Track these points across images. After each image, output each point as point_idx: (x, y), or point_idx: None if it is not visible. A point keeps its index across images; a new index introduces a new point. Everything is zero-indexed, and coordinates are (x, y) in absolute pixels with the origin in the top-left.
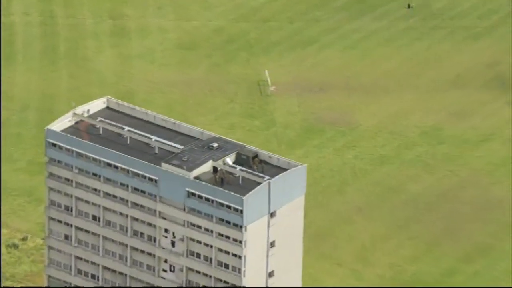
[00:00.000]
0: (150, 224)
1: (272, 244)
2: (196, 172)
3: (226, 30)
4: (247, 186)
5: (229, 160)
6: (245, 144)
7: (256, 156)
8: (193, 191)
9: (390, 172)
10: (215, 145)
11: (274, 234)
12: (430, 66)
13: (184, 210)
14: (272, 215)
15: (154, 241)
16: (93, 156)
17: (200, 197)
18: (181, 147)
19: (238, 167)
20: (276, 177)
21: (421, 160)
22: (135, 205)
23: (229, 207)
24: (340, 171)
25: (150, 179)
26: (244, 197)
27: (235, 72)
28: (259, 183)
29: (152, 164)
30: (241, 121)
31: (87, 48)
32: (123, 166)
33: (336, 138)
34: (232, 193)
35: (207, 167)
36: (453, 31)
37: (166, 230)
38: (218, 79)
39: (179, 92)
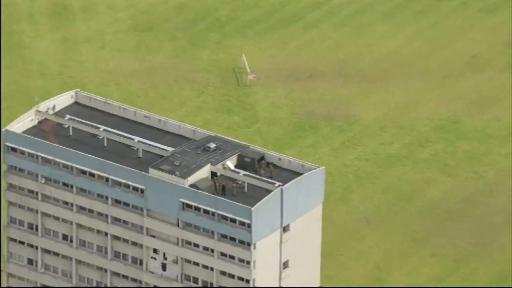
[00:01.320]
0: (135, 244)
1: (285, 265)
2: (192, 179)
3: (190, 6)
4: (254, 194)
5: (230, 163)
6: (248, 144)
7: (262, 158)
8: (189, 202)
9: (401, 175)
10: (212, 145)
11: (287, 252)
12: (439, 46)
13: (178, 225)
14: (285, 229)
15: (141, 264)
16: (63, 162)
17: (197, 209)
18: (171, 149)
19: (242, 172)
20: (289, 183)
21: (438, 160)
22: (117, 220)
23: (233, 220)
24: (341, 175)
25: (135, 189)
26: (252, 208)
27: (204, 57)
28: (269, 191)
29: (137, 171)
30: (216, 117)
31: (22, 32)
32: (101, 174)
33: (333, 136)
34: (238, 203)
35: (204, 172)
36: (464, 2)
37: (155, 251)
38: (184, 67)
39: (138, 83)
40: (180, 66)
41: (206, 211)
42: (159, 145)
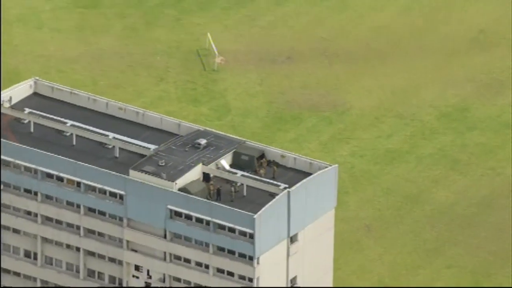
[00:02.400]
0: (113, 260)
1: (293, 282)
2: (181, 181)
3: None
4: (256, 199)
5: (225, 162)
6: (243, 139)
7: (262, 155)
8: (178, 209)
9: (404, 174)
10: (203, 142)
11: (296, 266)
12: (440, 20)
13: (165, 237)
14: (292, 239)
15: (120, 284)
16: (25, 164)
17: (188, 217)
18: (153, 146)
19: (239, 172)
20: (297, 185)
21: (446, 155)
22: (91, 232)
23: (233, 230)
24: None
25: (113, 195)
26: (255, 216)
27: (162, 38)
28: (273, 195)
29: (114, 173)
30: (180, 108)
31: None
32: (71, 178)
33: (320, 128)
34: (237, 209)
35: (195, 174)
36: None
37: (137, 268)
38: (138, 50)
39: (85, 70)
40: (133, 49)
41: (199, 220)
42: (139, 142)
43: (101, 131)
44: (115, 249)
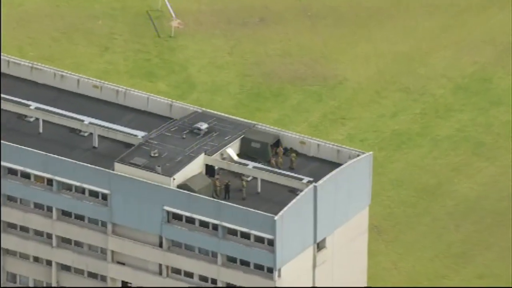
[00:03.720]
0: (94, 276)
1: None
2: (180, 176)
3: None
4: (273, 196)
5: (232, 151)
6: (253, 122)
7: (277, 142)
8: (177, 211)
9: (417, 161)
10: (203, 126)
11: (323, 278)
12: None
13: (161, 246)
14: (320, 246)
15: None
16: None
17: (190, 220)
18: (142, 133)
19: (251, 164)
20: (325, 178)
21: (468, 137)
22: (66, 242)
23: (246, 236)
24: None
25: (94, 194)
26: (276, 217)
27: None
28: (294, 191)
29: (95, 167)
30: (132, 85)
31: None
32: (40, 174)
33: (308, 106)
34: (253, 210)
35: (196, 166)
36: None
37: (125, 285)
38: (75, 12)
39: (8, 37)
40: (67, 11)
41: (204, 224)
42: (123, 128)
43: (73, 114)
44: (97, 262)
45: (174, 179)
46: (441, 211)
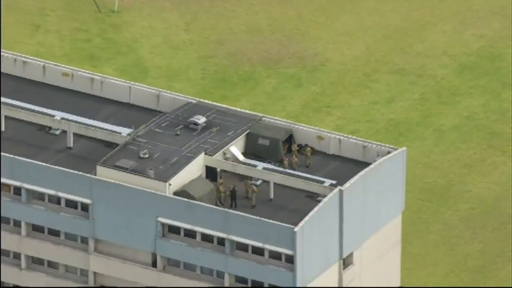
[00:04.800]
0: None
1: None
2: (177, 181)
3: None
4: (288, 203)
5: (237, 150)
6: (259, 114)
7: (290, 137)
8: (175, 223)
9: (421, 157)
10: (201, 120)
11: None
12: None
13: (155, 265)
14: (346, 262)
15: None
16: None
17: (190, 234)
18: (127, 130)
19: (260, 165)
20: (352, 180)
21: (479, 126)
22: (38, 263)
23: (260, 252)
24: None
25: (72, 205)
26: (296, 229)
27: None
28: (313, 196)
29: (73, 172)
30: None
31: None
32: (5, 181)
33: (285, 92)
34: (267, 220)
35: (195, 169)
36: None
37: None
38: None
39: None
40: None
41: (207, 238)
42: (102, 124)
43: (41, 109)
44: (76, 285)
45: (169, 184)
46: (454, 216)
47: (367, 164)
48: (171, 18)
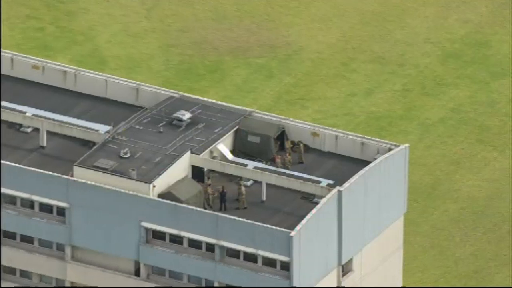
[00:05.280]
0: None
1: None
2: (161, 182)
3: None
4: (282, 206)
5: (225, 148)
6: (249, 109)
7: (282, 134)
8: (159, 228)
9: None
10: (186, 116)
11: None
12: None
13: (138, 274)
14: (345, 268)
15: None
16: None
17: (176, 240)
18: (105, 127)
19: (250, 164)
20: (351, 180)
21: (467, 119)
22: (9, 273)
23: (253, 259)
24: None
25: (46, 209)
26: (292, 233)
27: None
28: (309, 198)
29: (47, 173)
30: None
31: None
32: None
33: (256, 84)
34: (261, 224)
35: (180, 169)
36: None
37: None
38: None
39: None
40: None
41: (195, 244)
42: (78, 121)
43: (10, 104)
44: None
45: (154, 186)
46: (443, 217)
47: (366, 163)
48: (130, 4)
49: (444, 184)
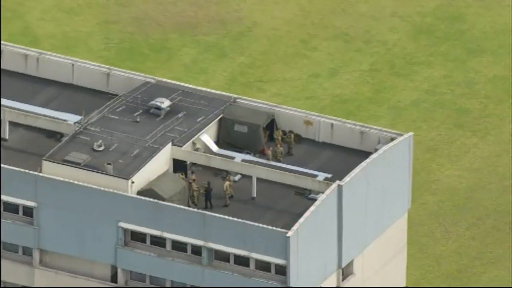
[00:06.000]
0: None
1: None
2: (140, 178)
3: None
4: (273, 203)
5: (209, 139)
6: (232, 95)
7: (272, 122)
8: (139, 229)
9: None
10: (165, 104)
11: None
12: None
13: (115, 280)
14: (345, 272)
15: None
16: None
17: (158, 242)
18: (75, 117)
19: (238, 156)
20: (352, 173)
21: (444, 102)
22: None
23: (244, 261)
24: None
25: (12, 209)
26: (289, 233)
27: None
28: (304, 194)
29: (13, 168)
30: None
31: None
32: None
33: (206, 64)
34: (254, 223)
35: (161, 162)
36: None
37: None
38: None
39: None
40: None
41: (179, 246)
42: (43, 110)
43: None
44: None
45: (132, 182)
46: (420, 211)
47: (365, 154)
48: None
49: (420, 175)
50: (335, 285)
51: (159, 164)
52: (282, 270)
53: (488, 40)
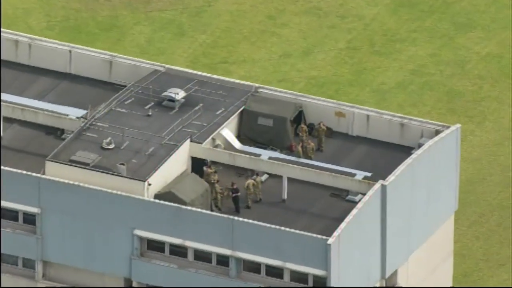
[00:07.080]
0: None
1: None
2: (157, 180)
3: None
4: (308, 206)
5: (231, 134)
6: (254, 84)
7: (300, 115)
8: (157, 237)
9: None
10: (180, 95)
11: None
12: None
13: None
14: (389, 282)
15: None
16: None
17: (178, 252)
18: (79, 111)
19: (265, 153)
20: (397, 171)
21: (432, 83)
22: None
23: (277, 273)
24: None
25: (12, 216)
26: (330, 241)
27: None
28: (340, 195)
29: (11, 170)
30: None
31: None
32: None
33: (164, 44)
34: (289, 230)
35: (179, 162)
36: None
37: None
38: None
39: None
40: None
41: (203, 257)
42: (42, 104)
43: None
44: None
45: (149, 184)
46: None
47: (406, 149)
48: None
49: None
50: None
51: (177, 163)
52: (321, 282)
53: (479, 13)
